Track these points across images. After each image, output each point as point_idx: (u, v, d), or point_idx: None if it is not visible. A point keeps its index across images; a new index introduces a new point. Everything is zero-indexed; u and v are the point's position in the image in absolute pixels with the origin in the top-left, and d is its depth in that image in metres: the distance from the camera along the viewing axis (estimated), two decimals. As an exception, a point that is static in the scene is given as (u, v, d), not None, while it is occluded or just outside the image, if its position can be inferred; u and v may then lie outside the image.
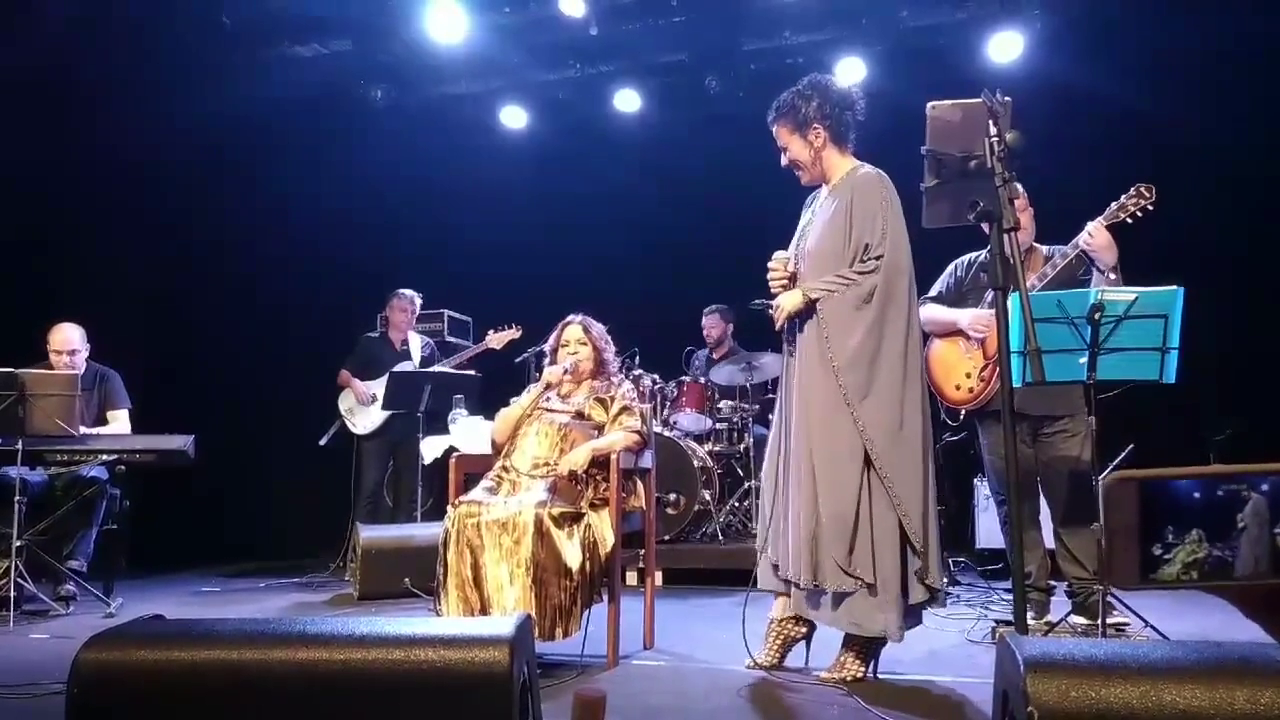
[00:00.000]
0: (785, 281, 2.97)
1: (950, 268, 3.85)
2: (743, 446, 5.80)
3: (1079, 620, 3.45)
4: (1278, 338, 5.44)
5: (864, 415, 2.77)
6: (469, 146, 7.16)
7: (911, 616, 2.82)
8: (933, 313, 3.66)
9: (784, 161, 3.08)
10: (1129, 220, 3.42)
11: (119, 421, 4.89)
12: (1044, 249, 3.68)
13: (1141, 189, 3.43)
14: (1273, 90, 5.45)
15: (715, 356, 6.30)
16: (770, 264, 3.00)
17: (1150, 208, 3.41)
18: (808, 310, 2.89)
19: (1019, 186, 3.55)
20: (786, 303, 2.93)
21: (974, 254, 3.79)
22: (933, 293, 3.79)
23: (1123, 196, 3.45)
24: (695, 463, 5.39)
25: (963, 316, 3.62)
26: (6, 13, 5.24)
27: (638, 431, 3.41)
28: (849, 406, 2.78)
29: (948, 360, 3.67)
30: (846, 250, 2.88)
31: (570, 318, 3.64)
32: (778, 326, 2.99)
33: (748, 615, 2.91)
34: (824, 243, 2.94)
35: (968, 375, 3.62)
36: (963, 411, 3.68)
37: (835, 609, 2.77)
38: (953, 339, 3.67)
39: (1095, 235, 3.41)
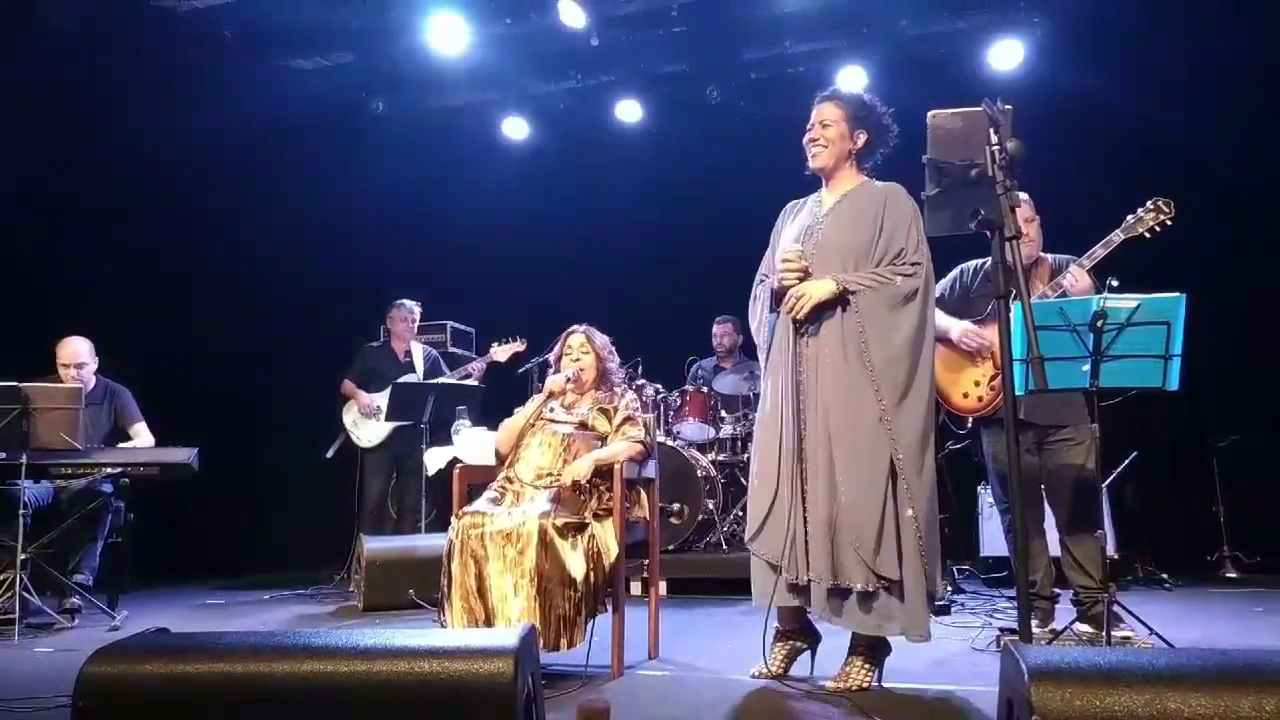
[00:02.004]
0: (800, 274, 2.88)
1: (956, 272, 3.80)
2: (746, 456, 5.78)
3: (1084, 628, 3.43)
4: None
5: (896, 416, 2.74)
6: (470, 157, 7.18)
7: None
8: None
9: (812, 135, 2.98)
10: (1146, 235, 3.39)
11: (141, 435, 4.90)
12: (1051, 259, 3.64)
13: (1160, 203, 3.38)
14: (1274, 96, 5.45)
15: (725, 366, 6.30)
16: (785, 255, 2.92)
17: (1169, 223, 3.37)
18: (835, 302, 2.82)
19: (1024, 196, 3.53)
20: (816, 290, 2.81)
21: (981, 260, 3.74)
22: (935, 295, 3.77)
23: (1139, 210, 3.40)
24: (699, 472, 5.39)
25: (954, 328, 3.57)
26: (8, 26, 5.26)
27: (641, 441, 3.40)
28: (882, 405, 2.74)
29: (956, 367, 3.62)
30: (873, 250, 2.85)
31: (574, 327, 3.64)
32: (803, 315, 2.84)
33: (750, 623, 2.91)
34: (848, 239, 2.89)
35: (976, 383, 3.59)
36: (970, 420, 3.67)
37: (862, 611, 2.72)
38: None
39: (1078, 279, 3.40)
